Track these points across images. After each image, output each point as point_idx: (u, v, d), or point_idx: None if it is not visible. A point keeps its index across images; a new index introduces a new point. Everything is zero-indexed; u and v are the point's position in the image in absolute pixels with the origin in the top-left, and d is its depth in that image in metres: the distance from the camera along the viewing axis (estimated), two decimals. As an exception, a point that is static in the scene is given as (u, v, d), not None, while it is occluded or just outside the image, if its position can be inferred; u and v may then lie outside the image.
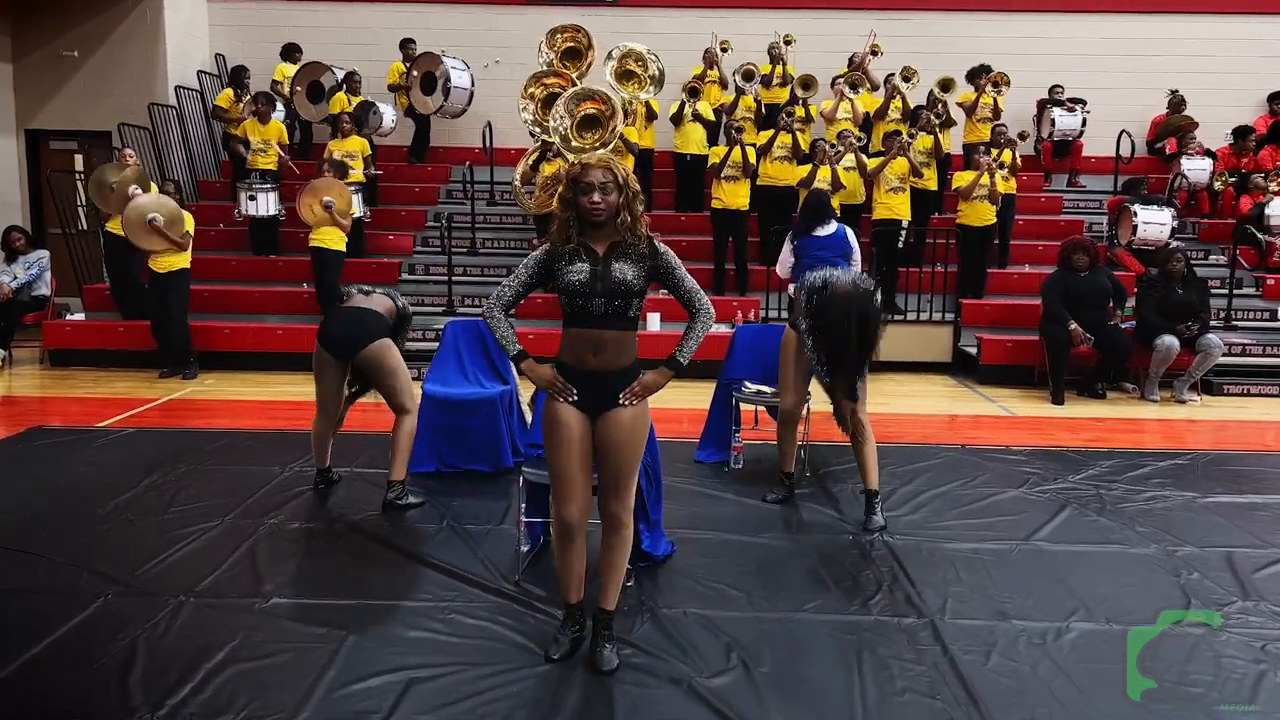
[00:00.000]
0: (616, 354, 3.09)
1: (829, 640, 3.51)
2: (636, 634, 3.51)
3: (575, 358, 3.11)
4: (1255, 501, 5.21)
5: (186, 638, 3.45)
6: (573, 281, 3.05)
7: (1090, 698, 3.14)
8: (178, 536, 4.40)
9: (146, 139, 10.81)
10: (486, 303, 3.23)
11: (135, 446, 6.00)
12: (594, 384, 3.10)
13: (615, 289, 3.04)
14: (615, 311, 3.06)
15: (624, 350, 3.11)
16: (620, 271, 3.06)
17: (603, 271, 3.05)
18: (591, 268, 3.06)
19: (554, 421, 3.14)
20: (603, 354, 3.08)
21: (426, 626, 3.55)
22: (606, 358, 3.09)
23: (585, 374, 3.10)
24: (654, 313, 9.02)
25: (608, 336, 3.08)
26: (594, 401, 3.12)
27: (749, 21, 11.97)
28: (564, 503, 3.17)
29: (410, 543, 4.41)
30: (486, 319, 3.21)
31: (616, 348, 3.09)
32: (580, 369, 3.10)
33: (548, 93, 8.90)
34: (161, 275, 8.09)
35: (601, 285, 3.04)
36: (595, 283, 3.04)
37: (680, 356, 3.17)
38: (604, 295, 3.04)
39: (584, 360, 3.09)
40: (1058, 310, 7.87)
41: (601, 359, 3.08)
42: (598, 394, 3.11)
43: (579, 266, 3.06)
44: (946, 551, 4.41)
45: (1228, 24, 12.23)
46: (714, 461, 5.79)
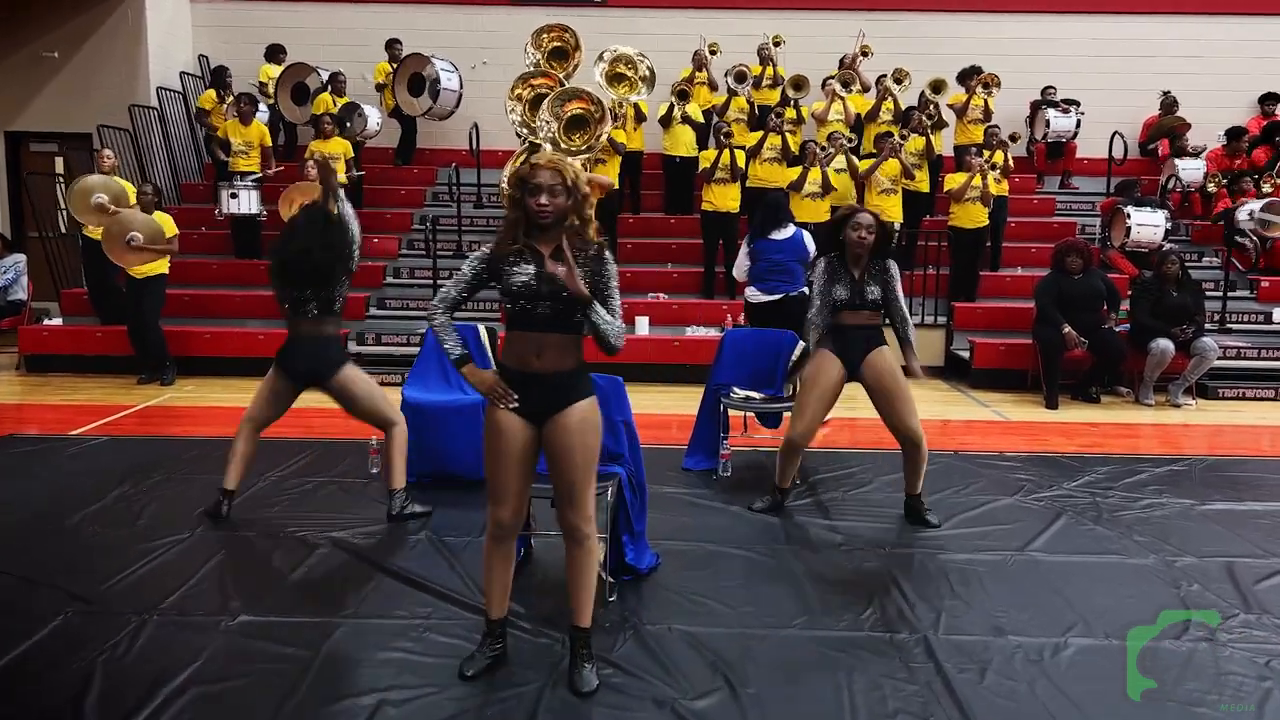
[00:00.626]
0: (560, 357, 3.00)
1: (818, 658, 3.38)
2: (618, 652, 3.37)
3: (518, 360, 3.01)
4: (1254, 509, 5.10)
5: (147, 659, 3.30)
6: (517, 284, 2.96)
7: (1090, 719, 3.01)
8: (145, 550, 4.24)
9: (127, 141, 10.65)
10: (430, 305, 3.13)
11: (108, 455, 5.84)
12: (537, 387, 3.00)
13: (560, 293, 2.94)
14: (560, 315, 2.97)
15: (568, 354, 3.02)
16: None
17: (548, 274, 2.95)
18: (537, 270, 2.96)
19: (495, 429, 3.04)
20: (546, 357, 2.99)
21: (399, 646, 3.40)
22: (550, 361, 2.99)
23: (528, 377, 3.00)
24: (642, 316, 8.90)
25: (551, 340, 2.99)
26: (538, 407, 3.02)
27: (739, 23, 11.86)
28: (498, 505, 3.10)
29: (386, 556, 4.26)
30: (429, 321, 3.12)
31: (560, 351, 3.00)
32: (523, 372, 3.01)
33: (535, 94, 8.77)
34: (138, 280, 7.94)
35: (547, 288, 2.94)
36: (540, 286, 2.95)
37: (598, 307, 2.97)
38: (549, 299, 2.95)
39: (527, 363, 3.00)
40: (1051, 313, 7.76)
41: (545, 362, 2.99)
42: (541, 398, 3.01)
43: (524, 269, 2.97)
44: (940, 562, 4.28)
45: (1220, 25, 12.17)
46: (702, 469, 5.65)
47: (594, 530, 3.13)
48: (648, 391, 7.94)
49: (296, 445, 5.88)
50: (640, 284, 9.65)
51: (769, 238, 6.53)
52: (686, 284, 9.74)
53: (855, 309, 4.66)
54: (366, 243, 10.21)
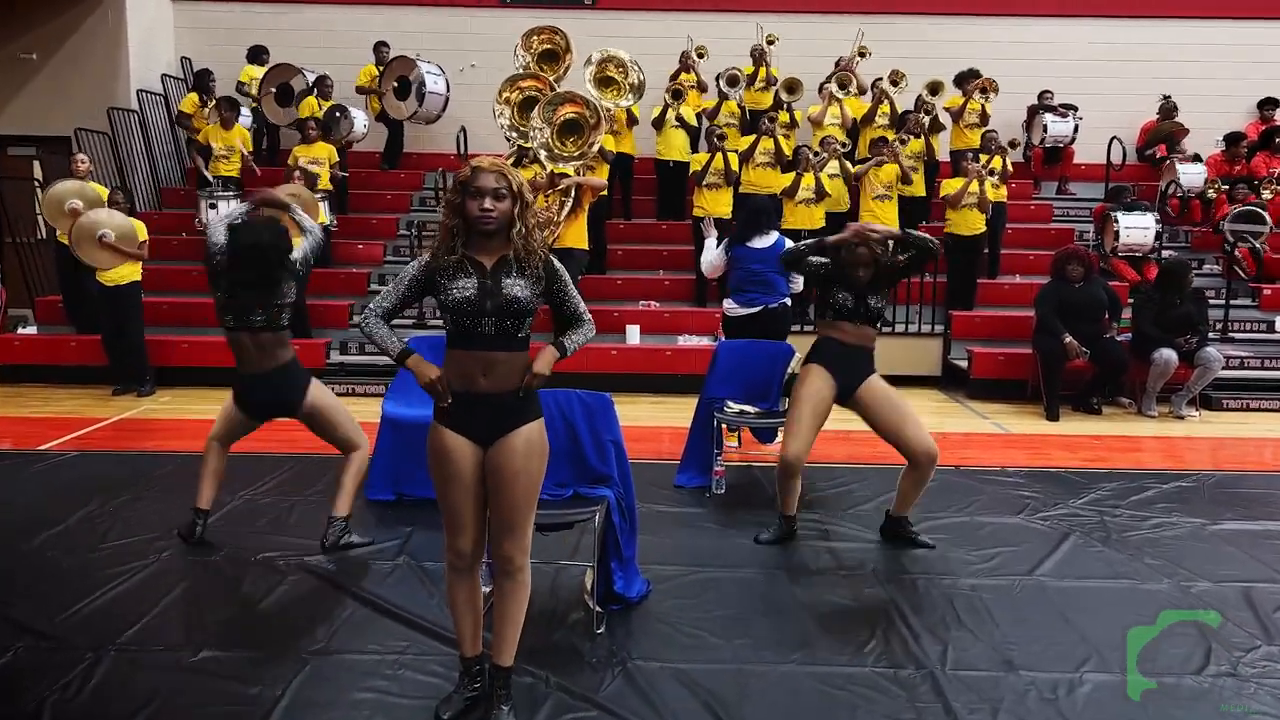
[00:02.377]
0: (509, 375, 2.79)
1: (819, 697, 3.17)
2: (605, 692, 3.16)
3: (463, 380, 2.79)
4: (1269, 529, 4.91)
5: (102, 699, 3.08)
6: (458, 299, 2.73)
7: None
8: (107, 577, 4.02)
9: (106, 144, 10.40)
10: (363, 313, 2.89)
11: (76, 471, 5.61)
12: (484, 409, 2.79)
13: (506, 308, 2.74)
14: (506, 332, 2.76)
15: (516, 371, 2.80)
16: (511, 288, 2.75)
17: (492, 288, 2.74)
18: (479, 283, 2.74)
19: (442, 454, 2.82)
20: (494, 376, 2.77)
21: (372, 685, 3.19)
22: (498, 380, 2.78)
23: (474, 398, 2.78)
24: (633, 324, 8.69)
25: (498, 358, 2.77)
26: (484, 429, 2.80)
27: (733, 25, 11.65)
28: (455, 534, 2.89)
29: (361, 583, 4.03)
30: (362, 327, 2.88)
31: (508, 369, 2.79)
32: (469, 392, 2.78)
33: (524, 96, 8.57)
34: (111, 289, 7.68)
35: (491, 303, 2.73)
36: (484, 300, 2.73)
37: (566, 343, 2.86)
38: (494, 314, 2.73)
39: (473, 382, 2.78)
40: (1052, 323, 7.57)
41: (493, 381, 2.78)
42: (488, 420, 2.80)
43: (464, 282, 2.74)
44: (944, 588, 4.08)
45: (1219, 29, 12.01)
46: (694, 486, 5.43)
47: (527, 563, 2.91)
48: (638, 402, 7.74)
49: (273, 461, 5.66)
50: (631, 291, 9.44)
51: (749, 245, 6.22)
52: (678, 291, 9.53)
53: (858, 322, 4.45)
54: (350, 249, 10.12)
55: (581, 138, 7.77)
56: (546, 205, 7.47)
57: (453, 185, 2.78)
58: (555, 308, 2.90)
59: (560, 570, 4.11)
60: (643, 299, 9.34)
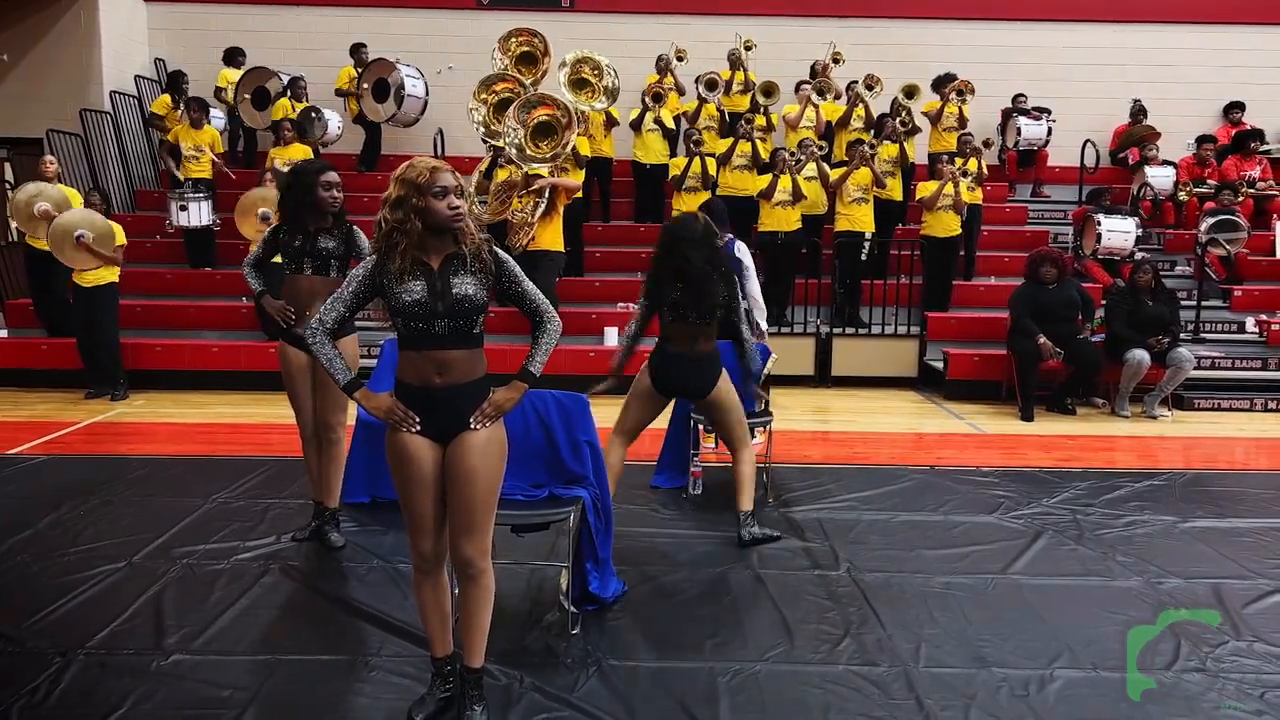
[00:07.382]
0: (465, 371, 2.78)
1: (794, 695, 3.17)
2: (580, 692, 3.15)
3: (419, 377, 2.77)
4: (1238, 526, 4.96)
5: (68, 705, 3.04)
6: (408, 302, 2.70)
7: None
8: (76, 581, 3.97)
9: (79, 146, 10.30)
10: (310, 327, 2.82)
11: (46, 476, 5.55)
12: (442, 405, 2.77)
13: (458, 307, 2.72)
14: (459, 331, 2.74)
15: (473, 367, 2.79)
16: (461, 287, 2.73)
17: (442, 289, 2.72)
18: (428, 284, 2.72)
19: (402, 456, 2.80)
20: (449, 374, 2.76)
21: (344, 688, 3.17)
22: (454, 376, 2.76)
23: (431, 394, 2.76)
24: (611, 326, 8.69)
25: (453, 356, 2.76)
26: (442, 426, 2.79)
27: (710, 29, 11.68)
28: (418, 536, 2.86)
29: (335, 585, 4.01)
30: (310, 344, 2.82)
31: (465, 366, 2.77)
32: (425, 387, 2.76)
33: (499, 98, 8.55)
34: (87, 290, 7.60)
35: (443, 305, 2.71)
36: (435, 302, 2.71)
37: (532, 368, 2.85)
38: (445, 315, 2.71)
39: (429, 379, 2.76)
40: (1026, 324, 7.64)
41: (448, 378, 2.76)
42: (446, 416, 2.78)
43: (413, 285, 2.71)
44: (918, 586, 4.10)
45: (1189, 34, 12.16)
46: (671, 487, 5.44)
47: (489, 565, 2.89)
48: (614, 404, 7.69)
49: (248, 463, 5.61)
50: (609, 293, 9.44)
51: None
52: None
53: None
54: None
55: (555, 140, 7.76)
56: (521, 206, 7.44)
57: (406, 189, 2.71)
58: (513, 303, 2.86)
59: (535, 571, 4.10)
60: (620, 301, 9.33)
